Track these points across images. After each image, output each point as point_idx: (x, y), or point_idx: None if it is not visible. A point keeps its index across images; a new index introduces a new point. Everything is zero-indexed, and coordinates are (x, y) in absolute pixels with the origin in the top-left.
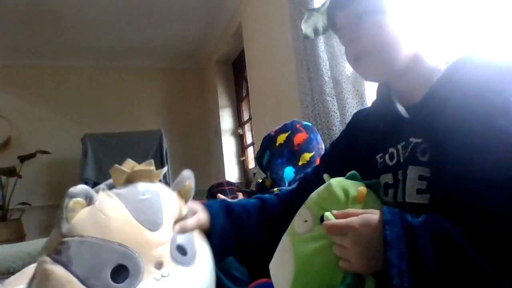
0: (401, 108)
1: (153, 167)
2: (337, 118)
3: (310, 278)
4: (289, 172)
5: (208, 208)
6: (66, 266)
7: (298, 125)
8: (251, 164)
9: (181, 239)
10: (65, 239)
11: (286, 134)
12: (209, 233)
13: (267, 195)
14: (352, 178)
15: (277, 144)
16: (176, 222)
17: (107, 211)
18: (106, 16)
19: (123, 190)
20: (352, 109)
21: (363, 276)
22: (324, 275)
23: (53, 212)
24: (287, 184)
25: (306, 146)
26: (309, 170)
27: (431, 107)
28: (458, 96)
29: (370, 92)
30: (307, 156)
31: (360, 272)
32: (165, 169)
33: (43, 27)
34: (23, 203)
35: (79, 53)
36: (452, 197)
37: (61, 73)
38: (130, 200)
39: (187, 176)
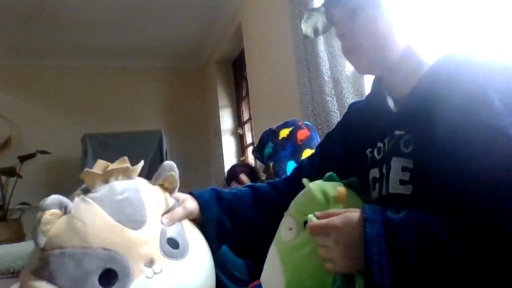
0: (390, 102)
1: (127, 164)
2: (337, 118)
3: (302, 286)
4: (291, 166)
5: (197, 197)
6: (50, 280)
7: (299, 123)
8: (251, 164)
9: (171, 232)
10: (46, 253)
11: (289, 129)
12: (201, 222)
13: (258, 184)
14: (329, 179)
15: (280, 138)
16: (163, 215)
17: (84, 218)
18: (106, 16)
19: (99, 193)
20: None
21: (353, 276)
22: (315, 280)
23: None
24: None
25: (308, 143)
26: (304, 160)
27: (416, 100)
28: (442, 90)
29: None
30: (308, 152)
31: (345, 272)
32: (141, 163)
33: (43, 27)
34: (23, 203)
35: (79, 53)
36: (434, 189)
37: (61, 73)
38: (108, 202)
39: (169, 166)
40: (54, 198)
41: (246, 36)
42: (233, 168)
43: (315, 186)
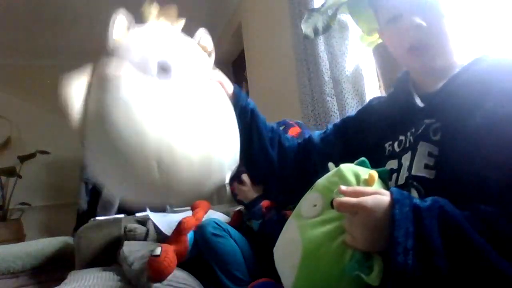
0: (417, 99)
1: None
2: (337, 118)
3: (318, 261)
4: None
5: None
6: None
7: (290, 122)
8: None
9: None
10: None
11: (281, 128)
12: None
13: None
14: (361, 164)
15: None
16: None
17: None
18: (106, 16)
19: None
20: (352, 109)
21: (371, 254)
22: (333, 257)
23: (53, 212)
24: None
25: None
26: (315, 133)
27: (447, 93)
28: (474, 83)
29: (370, 92)
30: None
31: (364, 249)
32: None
33: (43, 27)
34: (23, 203)
35: (79, 53)
36: (457, 177)
37: (61, 73)
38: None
39: (199, 34)
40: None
41: (246, 36)
42: None
43: (346, 168)
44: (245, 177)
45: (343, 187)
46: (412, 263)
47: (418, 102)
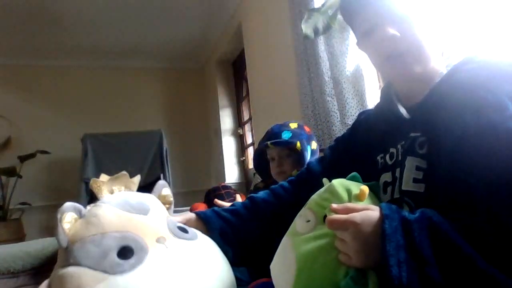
0: (402, 109)
1: (127, 177)
2: (337, 118)
3: (312, 276)
4: (308, 150)
5: (196, 214)
6: (75, 264)
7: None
8: (251, 164)
9: (179, 223)
10: (69, 248)
11: (296, 123)
12: (206, 230)
13: (259, 193)
14: (352, 179)
15: (292, 127)
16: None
17: (97, 212)
18: (106, 16)
19: (106, 198)
20: (352, 109)
21: (365, 270)
22: (327, 272)
23: (53, 212)
24: (307, 159)
25: (313, 136)
26: (312, 160)
27: (430, 104)
28: (455, 94)
29: (370, 92)
30: (314, 144)
31: (358, 266)
32: (137, 177)
33: (43, 27)
34: (23, 203)
35: (79, 53)
36: (445, 188)
37: (61, 73)
38: (114, 201)
39: (161, 186)
40: (70, 203)
41: (246, 36)
42: (207, 194)
43: (338, 183)
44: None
45: (334, 205)
46: (406, 275)
47: (404, 113)
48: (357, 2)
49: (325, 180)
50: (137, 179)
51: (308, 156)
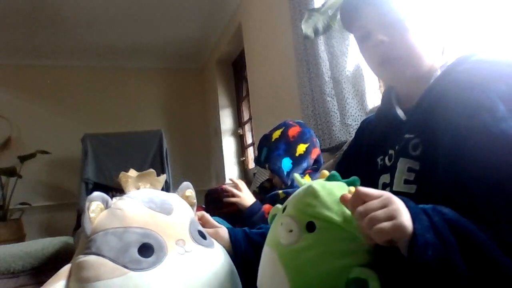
0: (399, 111)
1: (154, 175)
2: (337, 118)
3: None
4: (286, 163)
5: (229, 230)
6: (97, 254)
7: (290, 122)
8: (251, 164)
9: (200, 227)
10: (92, 236)
11: (281, 130)
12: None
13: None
14: (332, 179)
15: (273, 140)
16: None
17: (122, 206)
18: (106, 16)
19: (132, 193)
20: (352, 109)
21: (366, 280)
22: (323, 284)
23: (53, 212)
24: (285, 173)
25: (300, 137)
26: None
27: (425, 106)
28: (449, 95)
29: (370, 92)
30: (302, 147)
31: (403, 225)
32: (164, 176)
33: (43, 27)
34: (23, 203)
35: (79, 53)
36: (437, 190)
37: (61, 73)
38: (140, 197)
39: (185, 186)
40: (98, 193)
41: (246, 36)
42: (208, 194)
43: (319, 186)
44: (240, 183)
45: (348, 195)
46: (431, 254)
47: (401, 115)
48: (353, 10)
49: (297, 177)
50: (162, 178)
51: (284, 172)
